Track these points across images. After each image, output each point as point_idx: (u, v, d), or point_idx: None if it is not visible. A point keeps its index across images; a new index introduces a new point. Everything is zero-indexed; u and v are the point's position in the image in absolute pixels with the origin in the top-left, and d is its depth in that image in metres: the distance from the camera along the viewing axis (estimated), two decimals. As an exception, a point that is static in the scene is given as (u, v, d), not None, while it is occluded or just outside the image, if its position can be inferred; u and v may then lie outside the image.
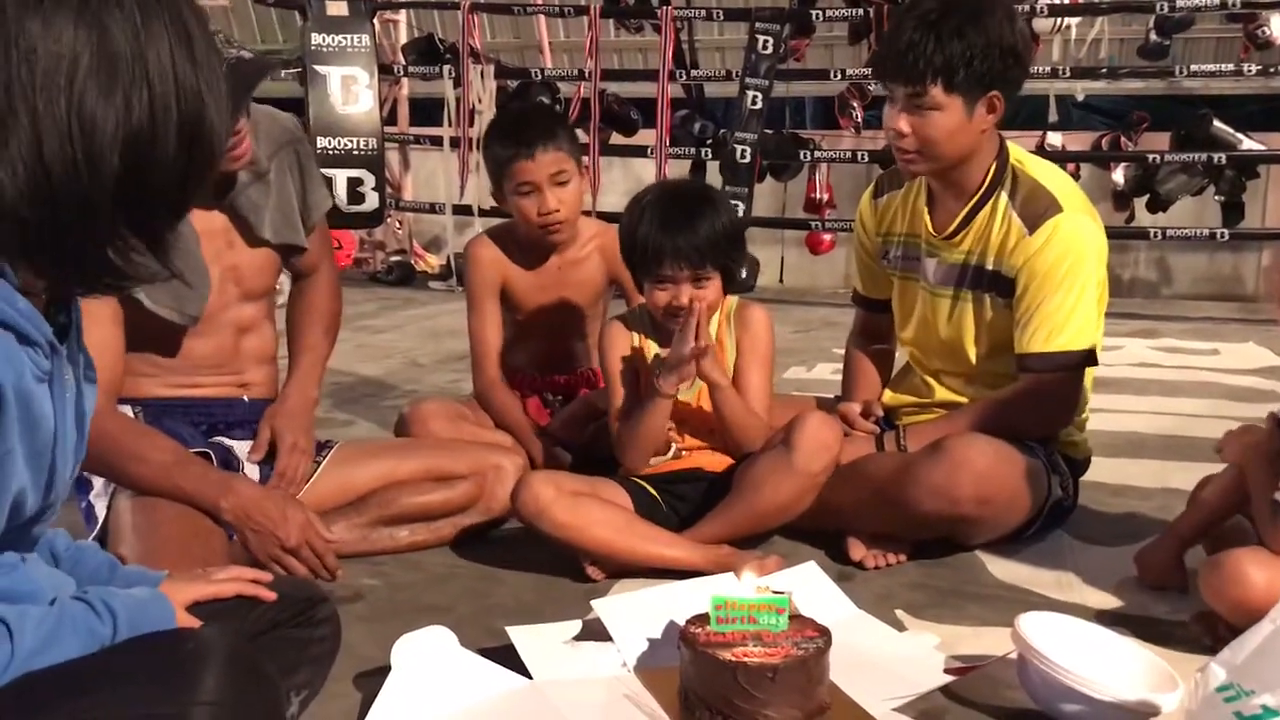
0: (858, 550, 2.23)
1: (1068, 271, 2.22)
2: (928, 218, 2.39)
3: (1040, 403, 2.28)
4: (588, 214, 3.02)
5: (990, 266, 2.30)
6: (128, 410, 2.09)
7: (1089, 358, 2.28)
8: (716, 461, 2.33)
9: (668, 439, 2.32)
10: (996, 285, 2.30)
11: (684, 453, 2.33)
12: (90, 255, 1.06)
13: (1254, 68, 5.73)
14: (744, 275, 2.38)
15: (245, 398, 2.26)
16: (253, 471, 2.21)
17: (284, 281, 2.44)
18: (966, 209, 2.31)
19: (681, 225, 2.20)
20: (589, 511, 2.14)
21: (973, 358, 2.37)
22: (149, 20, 1.02)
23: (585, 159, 6.12)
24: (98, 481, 2.08)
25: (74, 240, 1.04)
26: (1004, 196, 2.28)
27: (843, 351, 2.72)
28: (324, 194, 2.39)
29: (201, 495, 1.99)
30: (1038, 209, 2.24)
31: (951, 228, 2.33)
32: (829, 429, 2.18)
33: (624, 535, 2.14)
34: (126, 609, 1.16)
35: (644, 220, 2.23)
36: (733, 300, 2.36)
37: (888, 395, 2.57)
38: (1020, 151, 2.38)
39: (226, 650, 1.10)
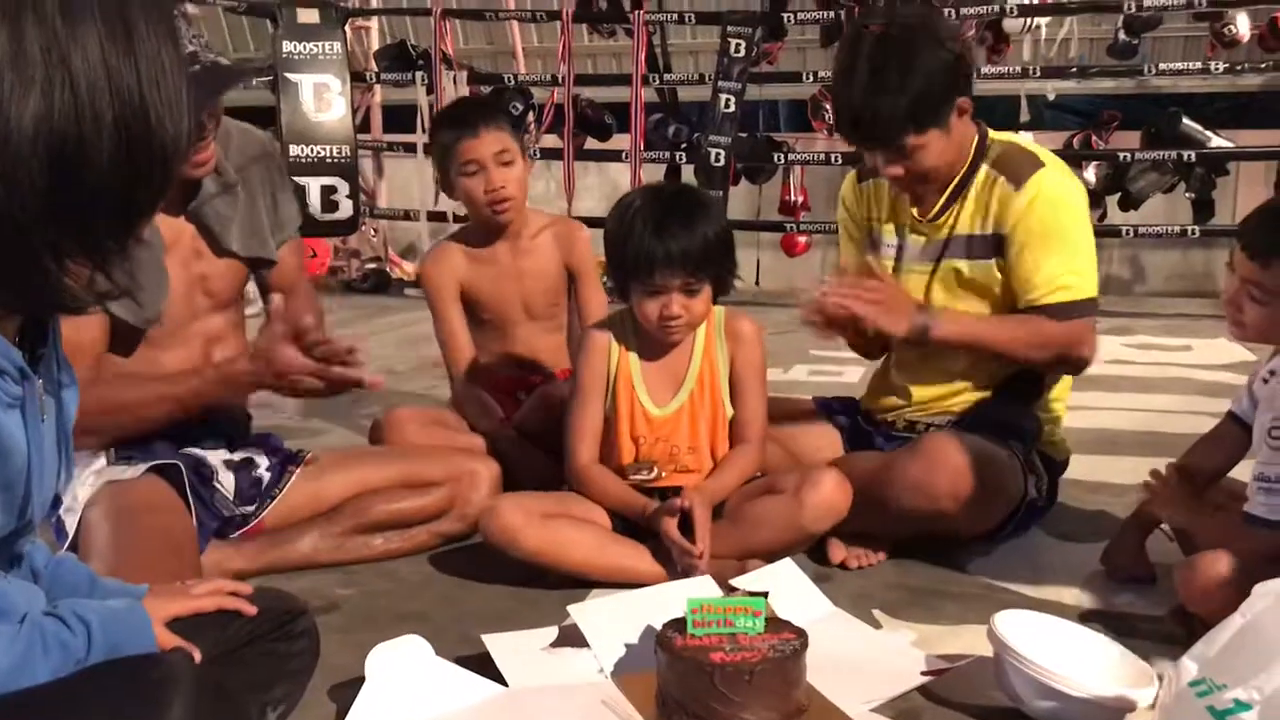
0: (838, 552, 2.23)
1: (1065, 221, 2.26)
2: (909, 203, 2.37)
3: (1069, 346, 2.27)
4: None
5: (977, 231, 2.30)
6: None
7: (1095, 304, 2.30)
8: (696, 480, 2.24)
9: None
10: (981, 248, 2.30)
11: (664, 474, 2.25)
12: (31, 277, 0.99)
13: (1221, 65, 5.79)
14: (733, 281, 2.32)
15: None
16: (228, 480, 2.20)
17: (250, 289, 2.40)
18: (950, 190, 2.31)
19: (674, 232, 2.12)
20: (564, 534, 2.12)
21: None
22: (73, 21, 0.95)
23: (559, 163, 6.19)
24: (67, 496, 2.05)
25: (8, 261, 0.98)
26: (984, 166, 2.30)
27: (819, 353, 2.68)
28: (294, 210, 2.37)
29: (199, 393, 2.05)
30: (1022, 167, 2.26)
31: (935, 209, 2.33)
32: (842, 494, 2.13)
33: (600, 555, 2.13)
34: (100, 619, 1.14)
35: (635, 226, 2.14)
36: (720, 311, 2.28)
37: (865, 401, 2.54)
38: (997, 134, 2.38)
39: (192, 678, 1.08)
